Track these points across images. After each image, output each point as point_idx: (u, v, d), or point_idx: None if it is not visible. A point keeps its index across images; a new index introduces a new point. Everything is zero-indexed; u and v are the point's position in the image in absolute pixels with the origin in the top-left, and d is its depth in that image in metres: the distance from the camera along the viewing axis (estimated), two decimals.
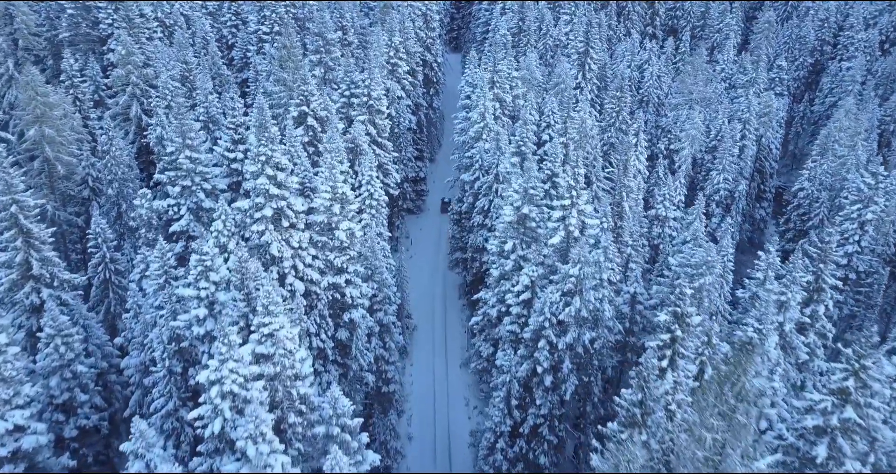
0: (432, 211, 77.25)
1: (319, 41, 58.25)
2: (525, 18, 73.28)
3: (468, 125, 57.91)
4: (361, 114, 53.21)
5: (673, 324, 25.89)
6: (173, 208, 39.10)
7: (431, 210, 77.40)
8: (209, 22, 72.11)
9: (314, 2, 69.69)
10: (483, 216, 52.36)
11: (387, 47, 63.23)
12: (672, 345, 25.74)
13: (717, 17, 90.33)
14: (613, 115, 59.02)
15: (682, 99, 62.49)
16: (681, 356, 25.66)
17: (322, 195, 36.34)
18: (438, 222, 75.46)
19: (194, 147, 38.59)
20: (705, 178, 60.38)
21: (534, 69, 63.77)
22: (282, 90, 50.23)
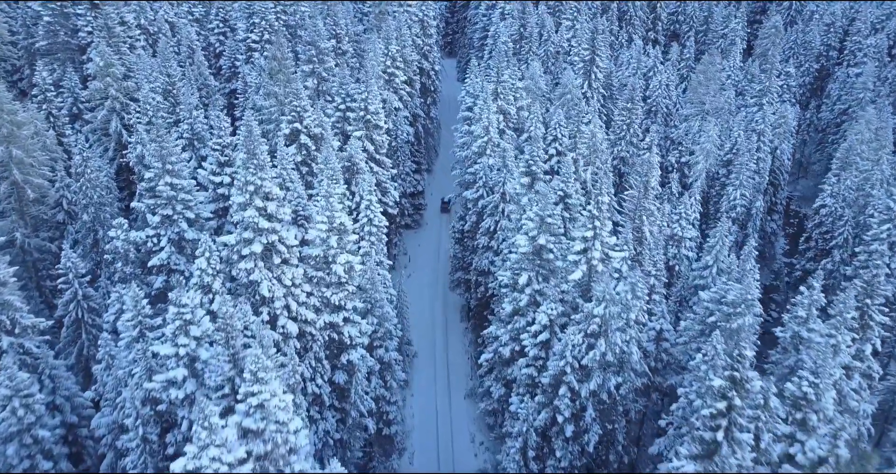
0: (431, 225, 73.37)
1: (312, 50, 54.19)
2: (526, 24, 69.48)
3: (470, 139, 54.03)
4: (358, 129, 49.23)
5: (730, 391, 22.12)
6: (152, 239, 34.99)
7: (430, 224, 73.53)
8: (195, 29, 67.88)
9: (306, 7, 65.60)
10: (489, 237, 48.50)
11: (383, 56, 59.28)
12: (728, 413, 22.00)
13: (721, 21, 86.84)
14: (624, 127, 55.29)
15: (693, 109, 58.86)
16: (738, 428, 21.92)
17: (318, 226, 32.38)
18: (437, 237, 71.60)
19: (175, 172, 34.50)
20: (719, 194, 56.74)
21: (538, 79, 59.95)
22: (272, 105, 46.19)
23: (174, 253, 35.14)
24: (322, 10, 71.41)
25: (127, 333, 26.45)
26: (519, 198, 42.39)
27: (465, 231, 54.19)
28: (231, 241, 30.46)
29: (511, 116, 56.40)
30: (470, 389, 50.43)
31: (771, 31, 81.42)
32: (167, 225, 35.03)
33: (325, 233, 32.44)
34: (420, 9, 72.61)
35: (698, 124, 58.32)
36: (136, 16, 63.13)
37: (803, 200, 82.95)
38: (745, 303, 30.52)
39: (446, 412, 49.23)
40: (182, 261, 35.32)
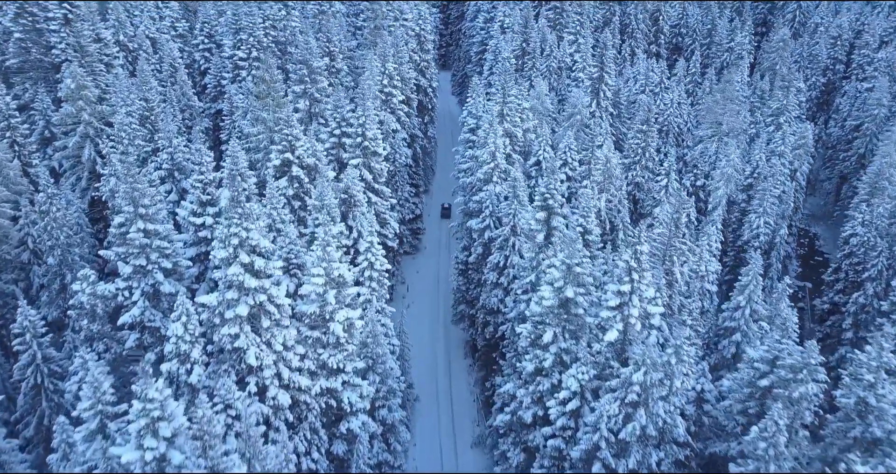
0: (430, 249, 68.79)
1: (304, 69, 49.54)
2: (529, 39, 65.17)
3: (475, 165, 49.54)
4: (355, 156, 44.60)
5: None
6: (123, 293, 30.17)
7: (429, 248, 68.95)
8: (179, 46, 63.05)
9: (297, 22, 60.96)
10: (498, 273, 43.93)
11: (380, 75, 54.72)
12: None
13: (726, 35, 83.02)
14: (639, 151, 50.99)
15: (709, 130, 54.69)
16: None
17: (313, 280, 27.69)
18: (437, 262, 67.04)
19: (150, 216, 29.70)
20: (739, 220, 52.60)
21: (545, 98, 55.58)
22: (260, 131, 41.49)
23: (148, 307, 30.33)
24: (314, 24, 66.90)
25: (85, 426, 21.61)
26: (534, 235, 37.88)
27: (470, 263, 49.61)
28: (212, 302, 25.75)
29: (518, 139, 51.97)
30: (477, 437, 45.80)
31: (779, 44, 77.71)
32: (140, 276, 30.21)
33: (321, 288, 27.77)
34: (417, 23, 68.19)
35: (715, 146, 54.16)
36: (114, 32, 58.31)
37: (812, 218, 79.17)
38: (808, 368, 26.12)
39: (452, 463, 44.58)
40: (158, 317, 30.51)
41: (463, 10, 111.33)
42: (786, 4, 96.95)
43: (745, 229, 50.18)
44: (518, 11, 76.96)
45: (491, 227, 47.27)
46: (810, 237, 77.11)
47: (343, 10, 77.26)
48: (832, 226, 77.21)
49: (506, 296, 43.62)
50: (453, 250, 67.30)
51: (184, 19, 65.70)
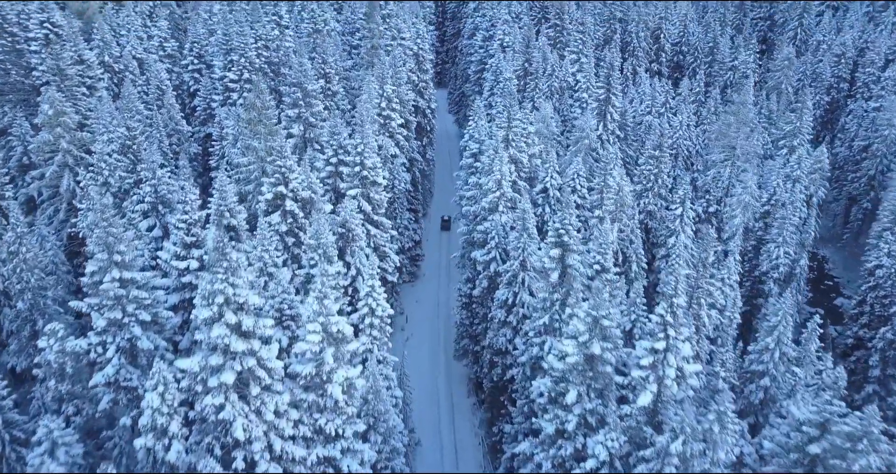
0: (429, 275, 65.41)
1: (298, 93, 46.42)
2: (531, 59, 62.30)
3: (479, 193, 46.36)
4: (353, 186, 41.35)
5: None
6: (96, 348, 26.70)
7: (428, 274, 65.58)
8: (167, 66, 59.83)
9: (291, 42, 57.94)
10: (506, 311, 40.61)
11: (378, 97, 51.64)
12: None
13: (729, 53, 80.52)
14: (651, 177, 47.99)
15: (721, 154, 51.81)
16: None
17: (309, 338, 24.30)
18: (436, 288, 63.68)
19: (126, 264, 26.31)
20: (756, 249, 49.59)
21: (550, 121, 52.63)
22: (251, 161, 38.22)
23: (124, 365, 26.87)
24: (308, 43, 63.93)
25: None
26: (548, 274, 34.64)
27: (474, 296, 46.30)
28: (194, 368, 22.31)
29: (523, 165, 48.90)
30: None
31: (784, 63, 75.26)
32: (116, 330, 26.76)
33: (317, 346, 24.38)
34: (415, 42, 65.29)
35: (728, 171, 51.26)
36: (98, 52, 55.02)
37: (820, 241, 76.37)
38: (869, 438, 22.91)
39: None
40: (135, 375, 27.04)
41: (459, 27, 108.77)
42: (787, 22, 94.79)
43: (764, 259, 47.16)
44: (518, 30, 74.39)
45: (497, 260, 44.07)
46: (819, 260, 74.24)
47: (338, 29, 74.41)
48: (841, 249, 74.49)
49: (515, 335, 40.32)
50: (453, 274, 64.26)
51: (173, 39, 62.54)
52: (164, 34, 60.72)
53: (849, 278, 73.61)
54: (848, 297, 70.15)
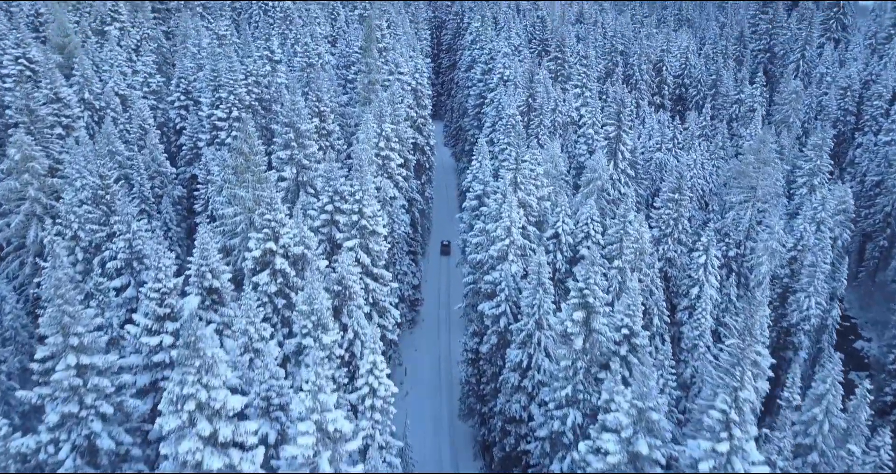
0: (428, 321, 61.03)
1: (290, 133, 42.48)
2: (535, 94, 58.83)
3: (487, 241, 42.33)
4: (350, 237, 37.17)
5: None
6: (47, 448, 22.13)
7: (427, 320, 61.21)
8: (153, 102, 55.89)
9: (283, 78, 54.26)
10: (520, 375, 36.28)
11: (376, 136, 47.79)
12: None
13: (734, 86, 77.63)
14: (670, 222, 44.14)
15: (742, 195, 48.14)
16: None
17: (301, 441, 19.87)
18: (436, 334, 59.28)
19: (85, 347, 21.92)
20: (783, 298, 45.64)
21: (559, 161, 48.91)
22: (237, 213, 34.04)
23: (81, 466, 22.27)
24: (301, 78, 60.29)
25: None
26: (571, 340, 30.44)
27: (482, 353, 41.94)
28: None
29: (532, 209, 44.98)
30: None
31: (791, 96, 72.36)
32: (72, 424, 22.23)
33: (310, 450, 19.96)
34: (413, 76, 61.82)
35: (749, 213, 47.50)
36: (78, 89, 51.02)
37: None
38: None
39: None
40: None
41: (455, 59, 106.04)
42: (787, 54, 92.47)
43: (793, 310, 43.16)
44: (518, 63, 71.19)
45: (508, 315, 39.86)
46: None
47: (333, 62, 71.02)
48: (856, 288, 70.74)
49: (531, 402, 35.97)
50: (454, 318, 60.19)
51: (160, 73, 58.71)
52: (149, 69, 56.86)
53: (866, 319, 69.86)
54: (868, 340, 66.30)
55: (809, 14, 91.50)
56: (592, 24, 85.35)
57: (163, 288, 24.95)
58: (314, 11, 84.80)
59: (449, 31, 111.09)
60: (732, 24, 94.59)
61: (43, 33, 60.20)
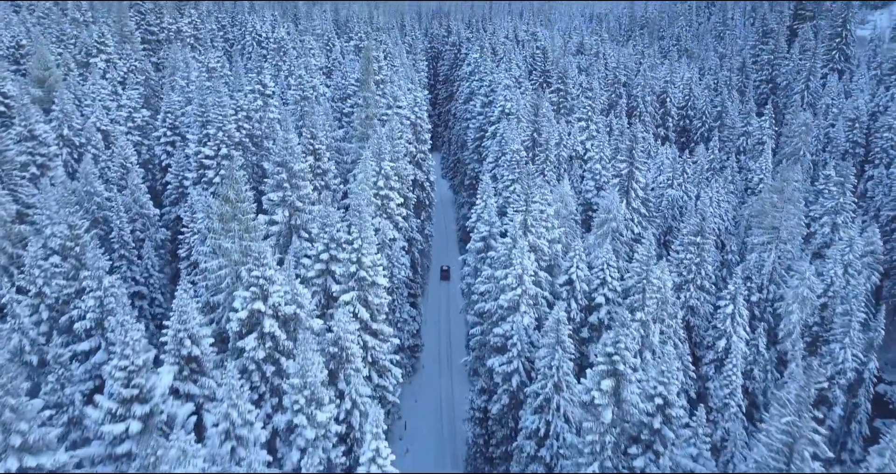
0: (429, 369, 57.07)
1: (283, 173, 39.07)
2: (540, 129, 55.78)
3: (495, 289, 38.71)
4: (348, 289, 33.50)
5: None
6: None
7: (427, 367, 57.24)
8: (137, 138, 52.53)
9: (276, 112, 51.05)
10: (536, 443, 32.41)
11: (374, 175, 44.46)
12: None
13: (741, 118, 75.09)
14: (692, 267, 40.72)
15: (764, 236, 44.87)
16: None
17: None
18: (437, 384, 55.27)
19: (30, 447, 18.03)
20: (813, 347, 42.08)
21: (570, 200, 45.65)
22: (223, 266, 30.36)
23: None
24: (295, 111, 57.20)
25: None
26: (598, 411, 26.69)
27: (492, 414, 38.01)
28: None
29: (544, 254, 41.50)
30: None
31: (801, 128, 69.59)
32: None
33: None
34: (412, 110, 58.84)
35: (773, 256, 44.18)
36: (57, 124, 47.59)
37: None
38: None
39: None
40: None
41: (452, 90, 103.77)
42: (790, 85, 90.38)
43: (827, 363, 39.53)
44: (520, 95, 68.43)
45: (521, 373, 36.12)
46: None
47: (328, 95, 68.12)
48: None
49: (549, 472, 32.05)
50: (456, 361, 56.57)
51: (146, 107, 55.43)
52: (134, 103, 53.55)
53: (885, 360, 66.37)
54: (890, 384, 62.70)
55: (812, 45, 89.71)
56: (594, 55, 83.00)
57: (130, 365, 21.13)
58: (309, 42, 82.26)
59: (446, 62, 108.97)
60: (733, 54, 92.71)
61: (24, 66, 56.99)
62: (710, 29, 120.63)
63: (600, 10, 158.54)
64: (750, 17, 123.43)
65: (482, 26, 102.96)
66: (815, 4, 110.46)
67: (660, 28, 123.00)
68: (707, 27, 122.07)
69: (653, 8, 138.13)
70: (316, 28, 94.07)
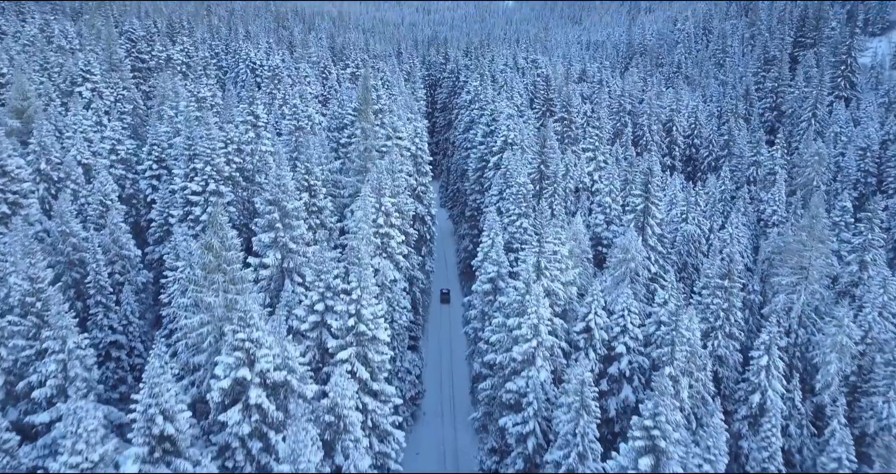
0: (431, 417, 52.91)
1: (275, 213, 35.59)
2: (548, 160, 52.60)
3: (507, 339, 35.07)
4: (345, 345, 29.78)
5: None
6: None
7: (429, 415, 53.11)
8: (121, 172, 49.08)
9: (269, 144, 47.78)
10: None
11: (374, 211, 41.02)
12: None
13: (750, 147, 72.37)
14: (720, 313, 37.21)
15: (792, 277, 41.49)
16: None
17: None
18: (440, 434, 51.07)
19: None
20: (851, 398, 38.41)
21: (583, 238, 42.30)
22: (204, 323, 26.64)
23: None
24: (289, 142, 53.98)
25: None
26: None
27: None
28: None
29: (558, 299, 37.96)
30: None
31: (813, 158, 66.87)
32: None
33: None
34: (413, 141, 55.74)
35: (803, 299, 40.76)
36: (34, 158, 44.14)
37: None
38: None
39: None
40: None
41: (450, 118, 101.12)
42: (795, 112, 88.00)
43: (869, 418, 35.87)
44: (523, 124, 65.48)
45: (537, 434, 32.31)
46: None
47: (324, 123, 65.05)
48: None
49: None
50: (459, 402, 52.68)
51: (133, 138, 52.05)
52: (118, 135, 50.17)
53: None
54: None
55: (817, 72, 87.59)
56: (598, 82, 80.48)
57: (83, 462, 17.32)
58: (304, 70, 79.50)
59: (444, 90, 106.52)
60: (736, 81, 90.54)
61: (3, 96, 53.72)
62: (708, 56, 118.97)
63: (596, 37, 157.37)
64: (748, 45, 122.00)
65: (480, 54, 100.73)
66: (815, 32, 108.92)
67: (658, 55, 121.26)
68: (706, 54, 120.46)
69: (650, 35, 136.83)
70: (312, 55, 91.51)
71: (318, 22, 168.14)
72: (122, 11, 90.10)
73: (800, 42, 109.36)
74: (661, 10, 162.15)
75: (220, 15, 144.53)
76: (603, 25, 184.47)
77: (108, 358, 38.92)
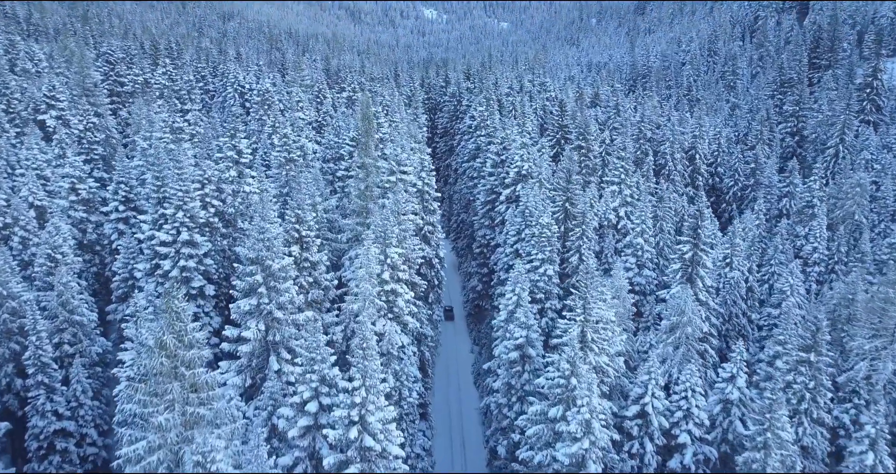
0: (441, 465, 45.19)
1: (257, 274, 28.21)
2: (573, 198, 45.45)
3: (548, 432, 27.59)
4: (346, 460, 22.20)
5: None
6: None
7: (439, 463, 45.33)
8: (81, 215, 41.57)
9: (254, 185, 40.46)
10: None
11: (378, 264, 33.62)
12: None
13: (783, 178, 65.74)
14: (804, 394, 29.89)
15: (876, 341, 34.38)
16: None
17: None
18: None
19: None
20: None
21: (626, 297, 35.05)
22: (154, 447, 19.03)
23: None
24: (278, 177, 46.79)
25: None
26: None
27: None
28: None
29: (607, 375, 30.57)
30: None
31: (854, 190, 60.26)
32: None
33: None
34: (419, 176, 48.62)
35: (890, 367, 33.57)
36: None
37: None
38: None
39: None
40: None
41: (452, 144, 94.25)
42: (819, 138, 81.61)
43: None
44: (537, 154, 58.44)
45: None
46: None
47: (319, 154, 57.96)
48: None
49: None
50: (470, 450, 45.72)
51: (91, 178, 44.62)
52: (79, 173, 42.72)
53: None
54: None
55: (842, 94, 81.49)
56: (613, 107, 73.85)
57: None
58: (297, 94, 72.59)
59: (445, 114, 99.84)
60: (753, 105, 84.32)
61: None
62: (716, 78, 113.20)
63: (597, 59, 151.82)
64: (757, 66, 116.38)
65: (483, 76, 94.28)
66: (830, 53, 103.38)
67: (665, 77, 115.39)
68: (713, 76, 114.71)
69: (654, 57, 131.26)
70: (305, 78, 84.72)
71: (312, 43, 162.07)
72: (101, 32, 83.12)
73: (814, 64, 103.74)
74: (661, 32, 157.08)
75: (213, 36, 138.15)
76: (602, 47, 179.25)
77: (52, 451, 31.21)
